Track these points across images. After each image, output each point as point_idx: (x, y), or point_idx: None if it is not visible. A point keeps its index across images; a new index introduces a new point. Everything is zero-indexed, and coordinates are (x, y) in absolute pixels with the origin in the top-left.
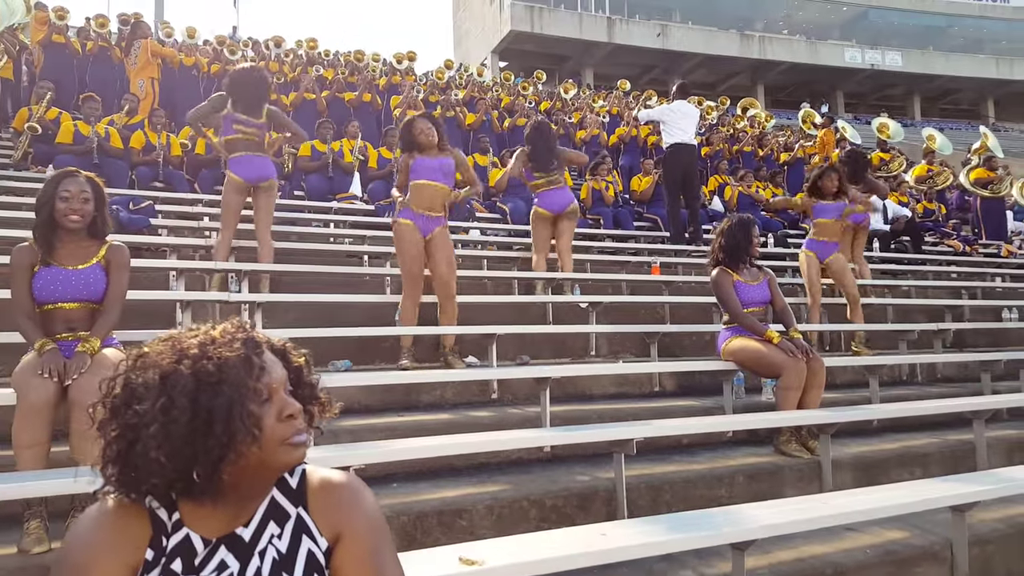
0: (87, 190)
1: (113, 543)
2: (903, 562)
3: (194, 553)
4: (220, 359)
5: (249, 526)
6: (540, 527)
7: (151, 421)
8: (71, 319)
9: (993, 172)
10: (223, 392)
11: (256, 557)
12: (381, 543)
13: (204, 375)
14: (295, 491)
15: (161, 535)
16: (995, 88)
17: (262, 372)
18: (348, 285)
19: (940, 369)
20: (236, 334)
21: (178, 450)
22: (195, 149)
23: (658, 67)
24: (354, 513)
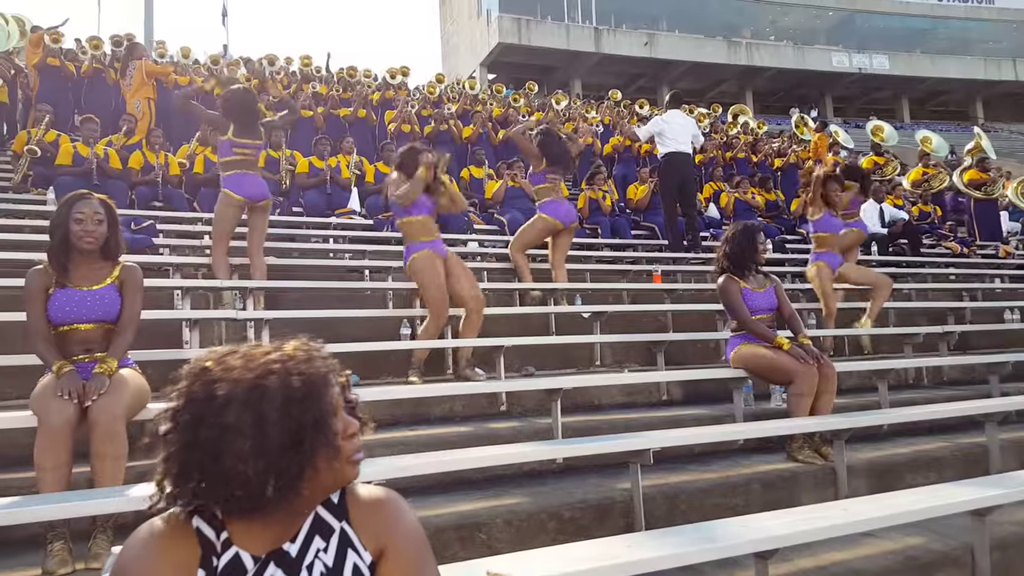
0: (100, 212)
1: (164, 566)
2: (924, 567)
3: (244, 571)
4: (304, 376)
5: (296, 541)
6: (558, 540)
7: (240, 434)
8: (87, 340)
9: (986, 174)
10: (310, 408)
11: (304, 571)
12: (424, 558)
13: (291, 391)
14: (337, 506)
15: (211, 555)
16: (983, 89)
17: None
18: (350, 300)
19: (946, 372)
20: (312, 352)
21: (268, 463)
22: (193, 168)
23: (646, 75)
24: (398, 528)
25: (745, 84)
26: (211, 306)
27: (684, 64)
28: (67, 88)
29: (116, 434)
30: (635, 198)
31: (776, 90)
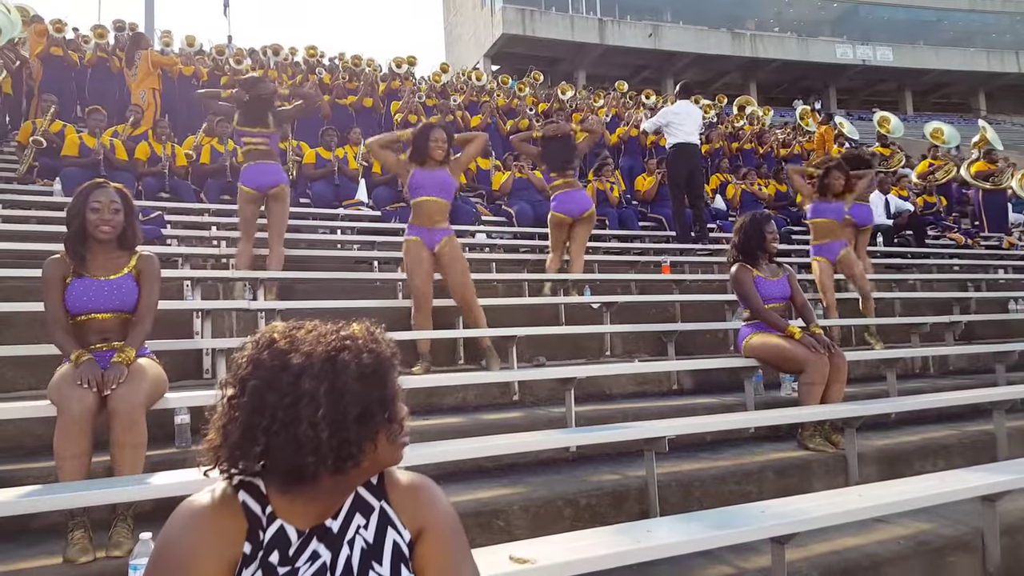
0: (117, 201)
1: (211, 539)
2: (936, 552)
3: (288, 544)
4: (374, 354)
5: (337, 518)
6: (575, 526)
7: (315, 402)
8: (105, 329)
9: (993, 165)
10: (379, 385)
11: (346, 546)
12: (461, 540)
13: (363, 367)
14: (376, 487)
15: (257, 528)
16: (986, 81)
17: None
18: (359, 291)
19: (952, 361)
20: (377, 335)
21: (338, 433)
22: (200, 159)
23: (650, 67)
24: (436, 510)
25: (749, 76)
26: (221, 296)
27: (688, 56)
28: (71, 78)
29: (136, 422)
30: (642, 189)
31: (780, 82)
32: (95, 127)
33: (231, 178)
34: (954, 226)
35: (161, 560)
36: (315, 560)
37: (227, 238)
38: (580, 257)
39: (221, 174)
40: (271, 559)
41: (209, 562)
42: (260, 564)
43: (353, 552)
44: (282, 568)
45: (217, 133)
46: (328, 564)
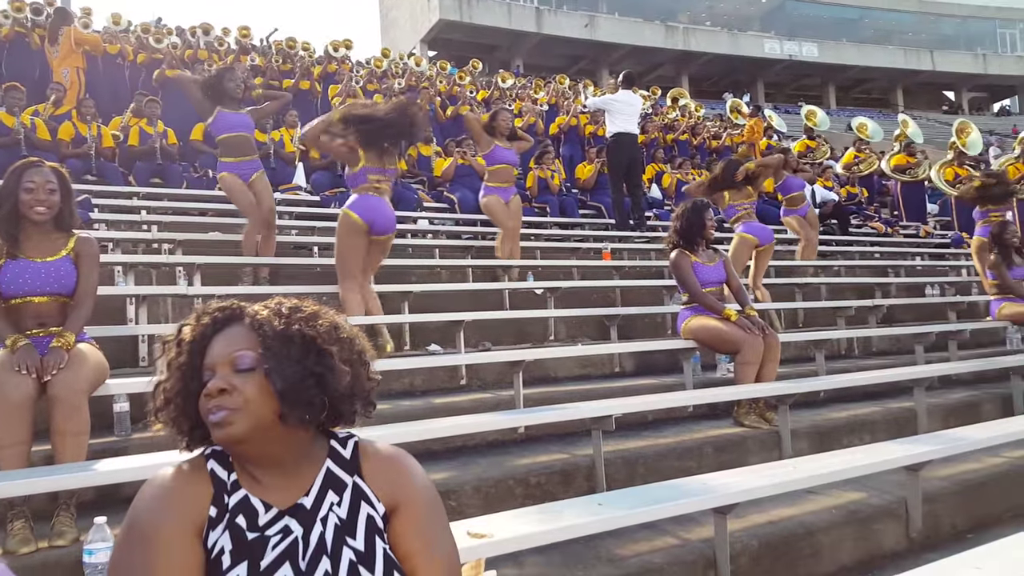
0: (52, 180)
1: (177, 503)
2: (865, 520)
3: (256, 513)
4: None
5: (309, 495)
6: (526, 504)
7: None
8: (41, 313)
9: (912, 158)
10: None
11: (319, 523)
12: (438, 513)
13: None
14: (348, 461)
15: (222, 493)
16: (903, 77)
17: None
18: (300, 277)
19: (875, 343)
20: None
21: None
22: (128, 140)
23: (586, 58)
24: (412, 483)
25: (681, 69)
26: (154, 282)
27: (624, 47)
28: None
29: (78, 409)
30: (582, 178)
31: (711, 75)
32: (13, 105)
33: (161, 160)
34: (875, 215)
35: (130, 529)
36: (287, 534)
37: (158, 222)
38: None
39: (151, 156)
40: (238, 521)
41: (174, 525)
42: (227, 525)
43: (327, 528)
44: (251, 533)
45: (146, 114)
46: (300, 538)
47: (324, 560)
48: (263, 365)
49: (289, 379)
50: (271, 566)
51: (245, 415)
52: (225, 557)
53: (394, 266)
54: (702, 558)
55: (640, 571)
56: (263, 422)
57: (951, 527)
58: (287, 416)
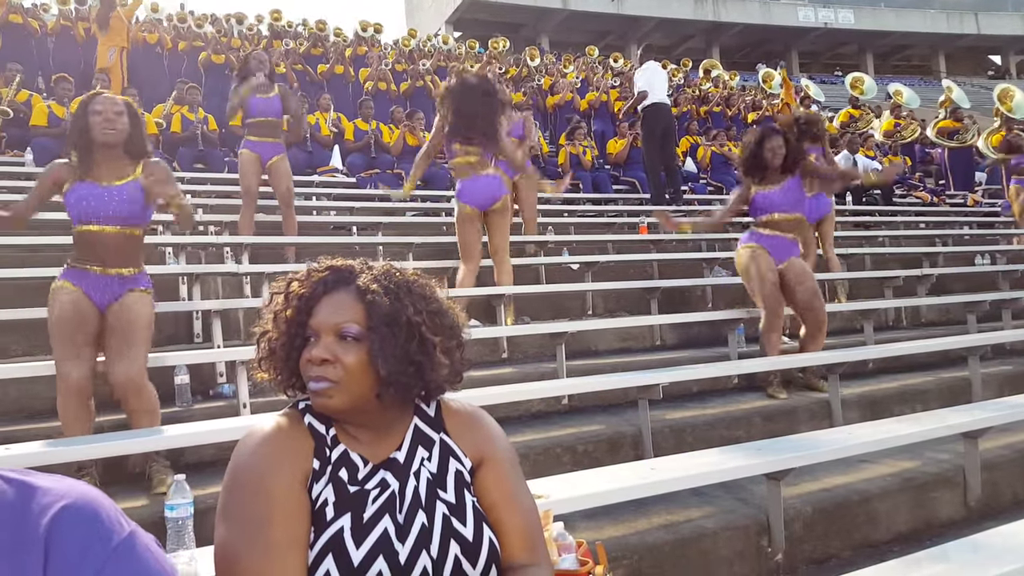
0: (119, 103)
1: (283, 454)
2: (920, 487)
3: (356, 468)
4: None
5: (401, 450)
6: (574, 471)
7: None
8: (107, 246)
9: (959, 123)
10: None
11: (412, 478)
12: (517, 468)
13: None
14: (433, 418)
15: (323, 446)
16: (945, 43)
17: None
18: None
19: (924, 313)
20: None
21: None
22: (171, 127)
23: (613, 32)
24: (494, 439)
25: (712, 40)
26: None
27: (652, 20)
28: (31, 46)
29: (141, 388)
30: (614, 152)
31: (743, 46)
32: (63, 96)
33: (203, 146)
34: (920, 184)
35: (237, 480)
36: (385, 488)
37: (204, 205)
38: (505, 259)
39: (192, 142)
40: (340, 475)
41: (283, 474)
42: (330, 478)
43: (420, 482)
44: (352, 487)
45: (187, 101)
46: (397, 492)
47: (420, 513)
48: (367, 341)
49: (390, 364)
50: (372, 518)
51: (344, 390)
52: (329, 509)
53: (433, 244)
54: (755, 523)
55: (693, 535)
56: (360, 398)
57: (1012, 495)
58: (383, 395)
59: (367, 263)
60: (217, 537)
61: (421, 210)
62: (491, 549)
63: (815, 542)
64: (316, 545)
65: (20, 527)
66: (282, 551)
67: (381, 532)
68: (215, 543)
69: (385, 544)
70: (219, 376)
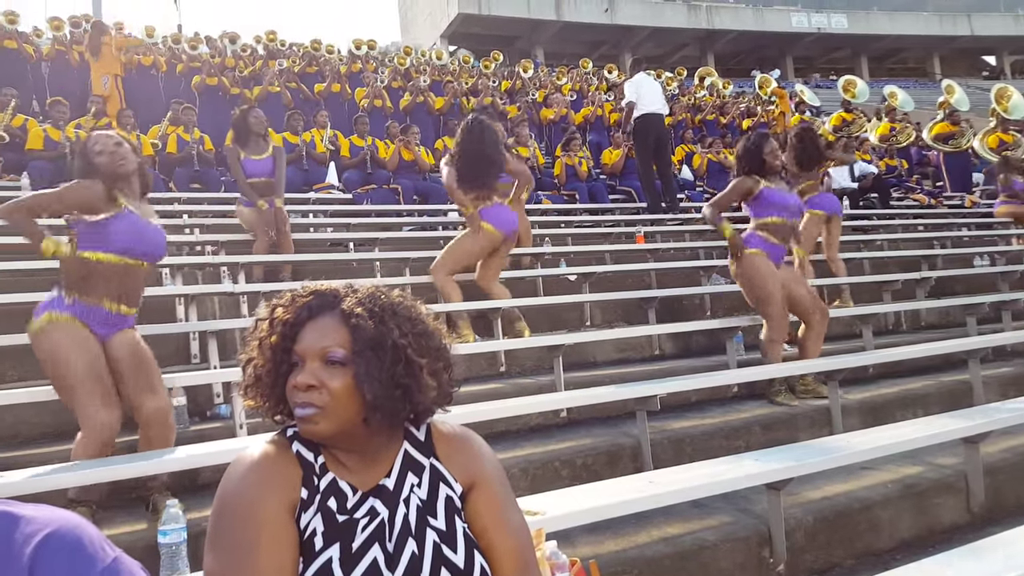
0: (114, 136)
1: (271, 482)
2: (922, 494)
3: (345, 496)
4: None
5: (391, 476)
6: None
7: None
8: (136, 281)
9: (955, 126)
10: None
11: (402, 504)
12: (508, 490)
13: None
14: (424, 443)
15: (311, 475)
16: (940, 45)
17: None
18: (338, 272)
19: (924, 317)
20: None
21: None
22: (167, 148)
23: (607, 43)
24: (484, 462)
25: (706, 48)
26: (199, 282)
27: (645, 30)
28: (26, 71)
29: (167, 418)
30: (610, 163)
31: (737, 52)
32: (58, 119)
33: (199, 167)
34: (917, 187)
35: (225, 507)
36: (374, 516)
37: (200, 225)
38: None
39: (188, 162)
40: (329, 504)
41: (271, 503)
42: (319, 507)
43: (410, 509)
44: (340, 516)
45: (183, 121)
46: (386, 520)
47: (410, 541)
48: (353, 365)
49: (376, 388)
50: (361, 547)
51: (330, 415)
52: (317, 539)
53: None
54: (756, 534)
55: (694, 548)
56: (347, 423)
57: (1015, 499)
58: (370, 419)
59: (352, 286)
60: (206, 565)
61: (418, 224)
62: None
63: (817, 552)
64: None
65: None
66: None
67: (370, 562)
68: (203, 570)
69: (374, 573)
70: (216, 397)
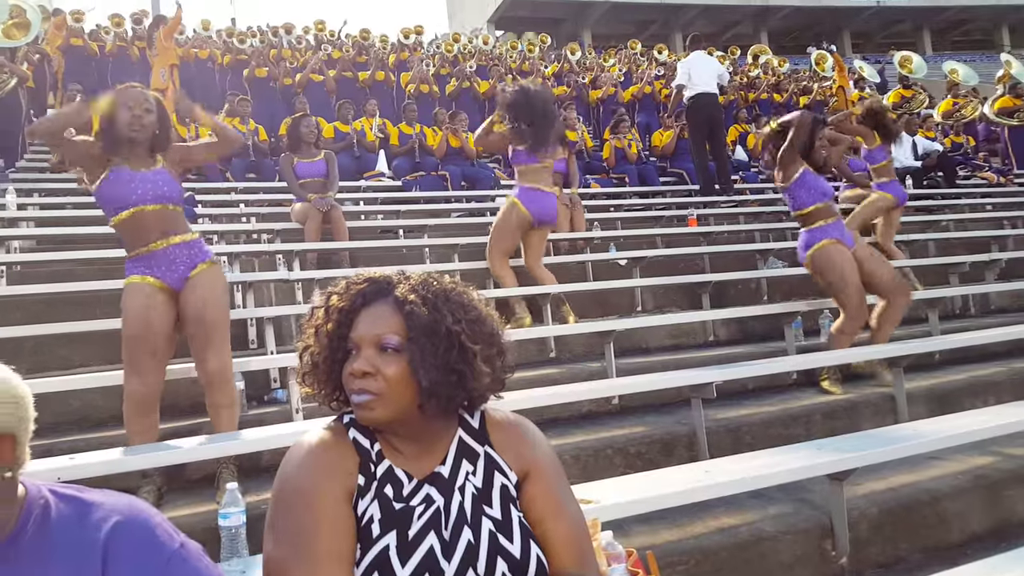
0: (149, 100)
1: (328, 469)
2: (993, 485)
3: (401, 484)
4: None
5: (445, 464)
6: (626, 473)
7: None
8: (160, 219)
9: (1020, 99)
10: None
11: (457, 493)
12: (563, 479)
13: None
14: (478, 431)
15: (368, 462)
16: (1010, 13)
17: None
18: (389, 259)
19: (993, 300)
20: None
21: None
22: None
23: (656, 21)
24: (539, 451)
25: (759, 25)
26: (256, 270)
27: (696, 7)
28: (92, 68)
29: (229, 382)
30: (660, 145)
31: (792, 29)
32: None
33: (254, 157)
34: (984, 164)
35: (284, 493)
36: (430, 504)
37: (256, 214)
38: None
39: (244, 153)
40: (386, 491)
41: (329, 490)
42: (375, 495)
43: (465, 498)
44: (397, 503)
45: (238, 113)
46: (442, 508)
47: (466, 529)
48: (407, 352)
49: (431, 374)
50: (418, 535)
51: (386, 401)
52: (375, 526)
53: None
54: (817, 526)
55: (752, 539)
56: (403, 410)
57: None
58: (425, 406)
59: (404, 273)
60: (265, 550)
61: (466, 211)
62: (539, 566)
63: (882, 545)
64: (362, 563)
65: (77, 542)
66: (329, 564)
67: (427, 550)
68: (263, 555)
69: (431, 562)
70: (272, 382)
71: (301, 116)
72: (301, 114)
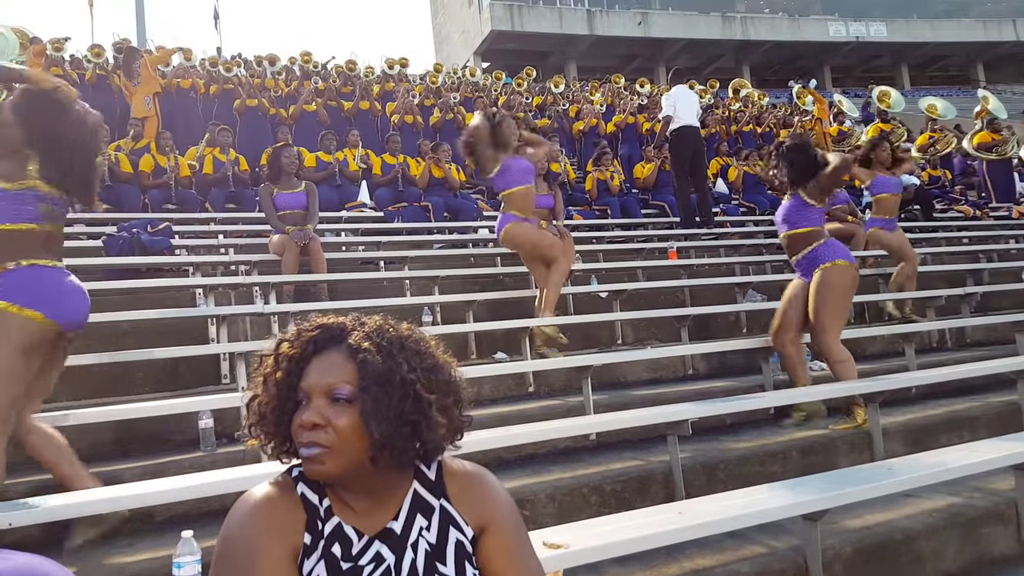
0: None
1: (274, 527)
2: (969, 523)
3: (350, 542)
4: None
5: (398, 519)
6: (601, 512)
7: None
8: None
9: (997, 134)
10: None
11: (409, 550)
12: (522, 533)
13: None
14: (434, 483)
15: (316, 519)
16: (983, 51)
17: None
18: (369, 291)
19: (969, 333)
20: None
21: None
22: (203, 169)
23: (641, 56)
24: (498, 505)
25: (741, 59)
26: (232, 302)
27: (679, 42)
28: None
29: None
30: (642, 177)
31: (773, 63)
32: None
33: (234, 187)
34: (961, 198)
35: (227, 551)
36: (380, 563)
37: (234, 245)
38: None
39: (224, 183)
40: (333, 550)
41: (273, 549)
42: (322, 554)
43: (418, 555)
44: (345, 563)
45: (219, 143)
46: (392, 567)
47: None
48: (360, 402)
49: (383, 426)
50: None
51: (337, 455)
52: None
53: (457, 276)
54: (792, 566)
55: None
56: (354, 463)
57: None
58: (378, 458)
59: (360, 319)
60: None
61: (448, 242)
62: None
63: None
64: None
65: None
66: None
67: None
68: None
69: None
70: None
71: (283, 146)
72: (283, 144)
